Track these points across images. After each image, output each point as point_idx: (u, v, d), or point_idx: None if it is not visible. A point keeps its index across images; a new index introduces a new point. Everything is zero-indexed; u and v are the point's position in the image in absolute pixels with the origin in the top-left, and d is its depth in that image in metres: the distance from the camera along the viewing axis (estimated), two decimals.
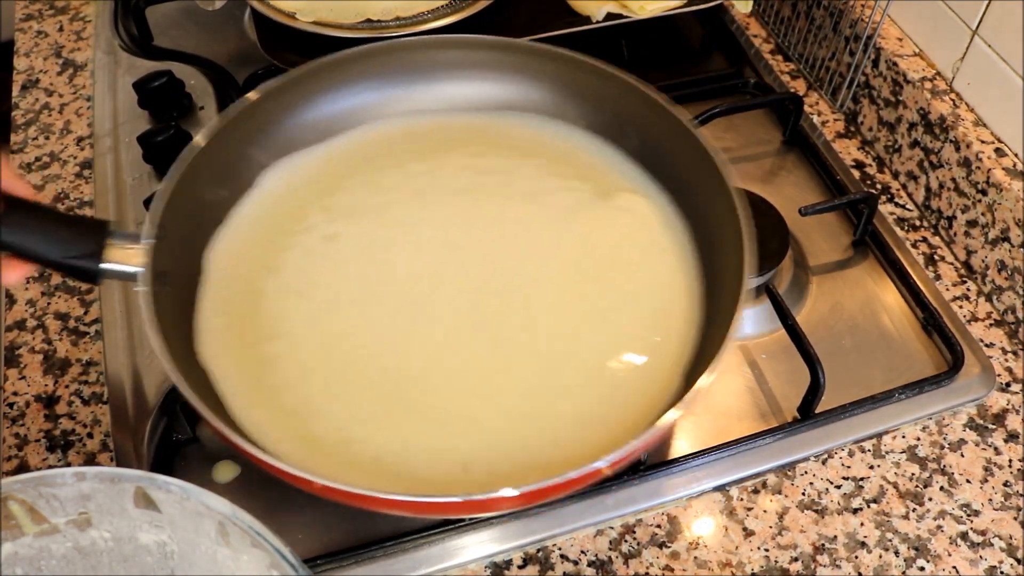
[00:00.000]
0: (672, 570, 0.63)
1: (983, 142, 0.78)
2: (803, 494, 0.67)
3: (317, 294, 0.66)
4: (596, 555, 0.63)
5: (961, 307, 0.78)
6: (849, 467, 0.68)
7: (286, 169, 0.73)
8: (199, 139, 0.65)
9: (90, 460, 0.67)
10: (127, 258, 0.56)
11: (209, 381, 0.61)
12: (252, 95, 0.69)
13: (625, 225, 0.70)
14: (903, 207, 0.85)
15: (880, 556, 0.64)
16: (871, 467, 0.68)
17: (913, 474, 0.68)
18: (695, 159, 0.67)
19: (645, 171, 0.73)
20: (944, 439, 0.70)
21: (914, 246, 0.82)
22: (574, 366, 0.63)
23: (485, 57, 0.76)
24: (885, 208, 0.85)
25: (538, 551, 0.64)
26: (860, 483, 0.67)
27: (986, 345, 0.75)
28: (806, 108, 0.92)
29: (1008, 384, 0.73)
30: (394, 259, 0.68)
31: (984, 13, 0.77)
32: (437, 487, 0.57)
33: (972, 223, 0.79)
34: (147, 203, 0.76)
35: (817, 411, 0.69)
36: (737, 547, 0.64)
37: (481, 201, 0.71)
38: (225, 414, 0.59)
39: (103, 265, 0.55)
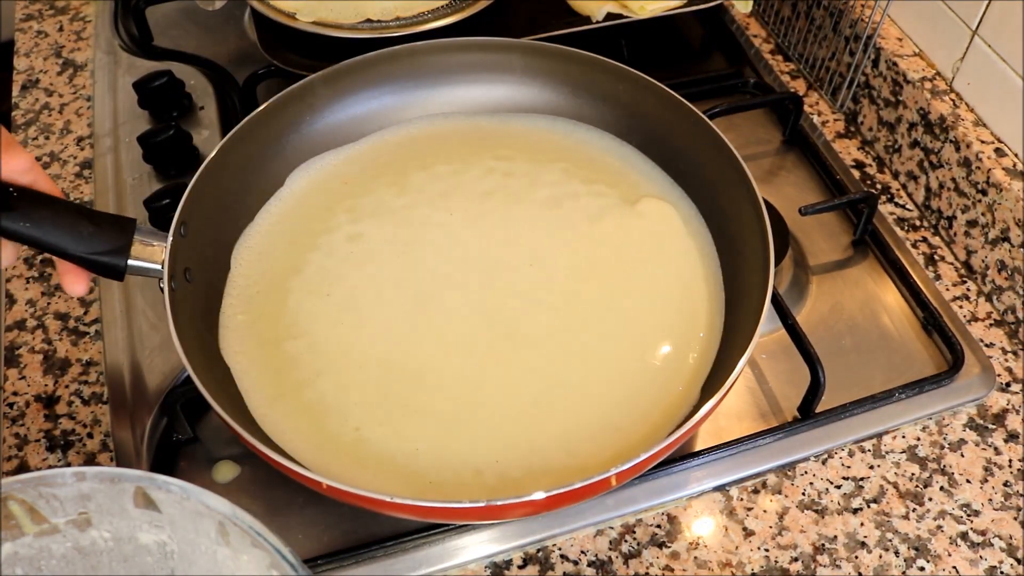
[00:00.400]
0: (672, 570, 0.63)
1: (983, 142, 0.78)
2: (803, 494, 0.67)
3: (340, 294, 0.66)
4: (596, 555, 0.63)
5: (961, 307, 0.78)
6: (849, 467, 0.68)
7: (314, 169, 0.74)
8: (226, 139, 0.67)
9: (90, 460, 0.67)
10: (152, 255, 0.58)
11: (229, 376, 0.62)
12: (277, 98, 0.70)
13: (650, 232, 0.70)
14: (903, 207, 0.85)
15: (880, 556, 0.64)
16: (871, 467, 0.68)
17: (913, 474, 0.68)
18: (720, 166, 0.67)
19: (668, 175, 0.73)
20: (944, 439, 0.70)
21: (914, 246, 0.82)
22: (593, 373, 0.63)
23: (509, 60, 0.76)
24: (885, 208, 0.85)
25: (538, 551, 0.64)
26: (860, 483, 0.67)
27: (986, 345, 0.75)
28: (806, 108, 0.92)
29: (1008, 384, 0.73)
30: (417, 260, 0.68)
31: (984, 13, 0.77)
32: (449, 491, 0.57)
33: (972, 223, 0.79)
34: (147, 203, 0.77)
35: (817, 411, 0.69)
36: (737, 547, 0.64)
37: (506, 204, 0.72)
38: (242, 411, 0.60)
39: (130, 262, 0.57)
